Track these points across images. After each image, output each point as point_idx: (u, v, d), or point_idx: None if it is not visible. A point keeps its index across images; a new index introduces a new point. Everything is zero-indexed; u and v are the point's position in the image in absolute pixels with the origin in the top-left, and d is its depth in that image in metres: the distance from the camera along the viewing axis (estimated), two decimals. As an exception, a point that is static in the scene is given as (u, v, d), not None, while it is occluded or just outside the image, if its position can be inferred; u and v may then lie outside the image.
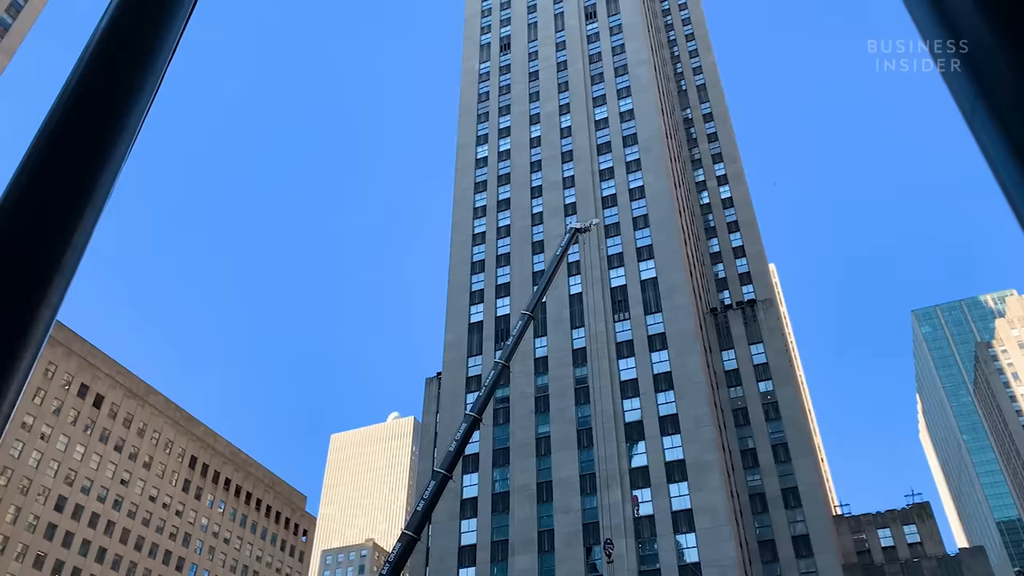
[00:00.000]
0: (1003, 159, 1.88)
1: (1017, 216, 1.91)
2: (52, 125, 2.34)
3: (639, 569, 59.63)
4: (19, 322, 2.08)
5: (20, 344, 2.07)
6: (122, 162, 2.39)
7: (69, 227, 2.22)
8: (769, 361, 76.23)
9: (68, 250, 2.20)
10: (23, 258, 2.14)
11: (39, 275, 2.14)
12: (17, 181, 2.25)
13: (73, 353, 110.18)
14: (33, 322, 2.09)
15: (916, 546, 74.57)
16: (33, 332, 2.11)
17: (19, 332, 2.07)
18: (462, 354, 78.43)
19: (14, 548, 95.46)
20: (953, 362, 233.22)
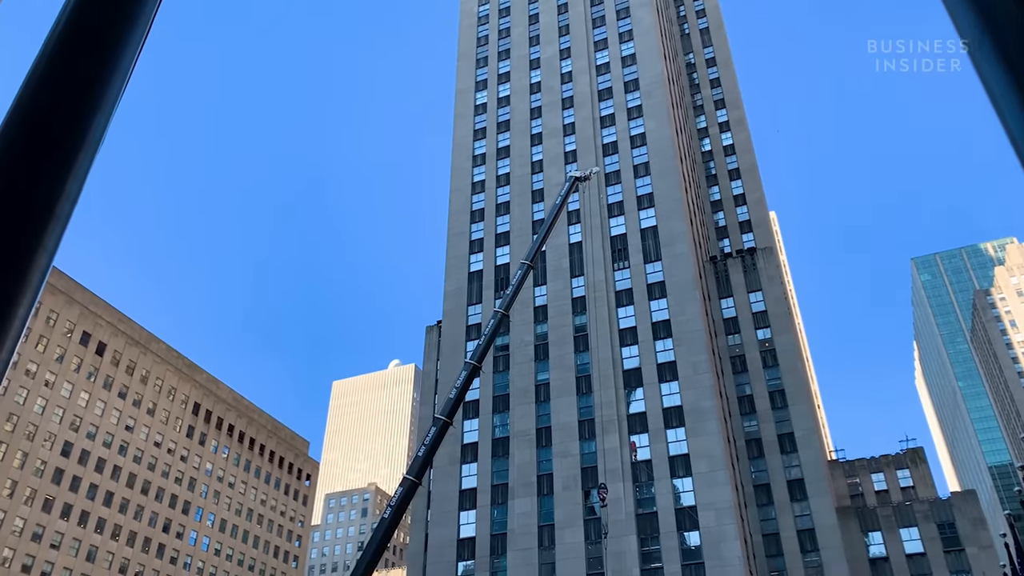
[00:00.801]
0: (1006, 94, 1.88)
1: (1018, 152, 1.91)
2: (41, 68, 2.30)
3: (636, 512, 60.85)
4: (15, 268, 2.08)
5: (17, 290, 2.07)
6: (114, 104, 2.35)
7: (62, 172, 2.20)
8: (768, 309, 76.55)
9: (62, 195, 2.18)
10: (17, 204, 2.13)
11: (34, 221, 2.13)
12: (8, 126, 2.22)
13: (74, 301, 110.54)
14: (30, 268, 2.09)
15: (909, 490, 76.00)
16: (30, 278, 2.10)
17: (16, 278, 2.07)
18: (462, 303, 78.69)
19: (23, 492, 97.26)
20: (951, 310, 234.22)
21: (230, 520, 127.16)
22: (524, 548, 62.16)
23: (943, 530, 67.22)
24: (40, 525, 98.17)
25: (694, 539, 58.96)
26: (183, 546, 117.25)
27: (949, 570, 65.32)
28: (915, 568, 66.26)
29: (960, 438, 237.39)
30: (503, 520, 64.82)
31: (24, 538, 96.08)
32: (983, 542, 65.87)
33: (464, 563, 64.58)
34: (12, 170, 2.15)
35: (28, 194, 2.14)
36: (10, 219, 2.09)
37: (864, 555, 67.63)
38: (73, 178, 2.21)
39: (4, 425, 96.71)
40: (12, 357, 2.14)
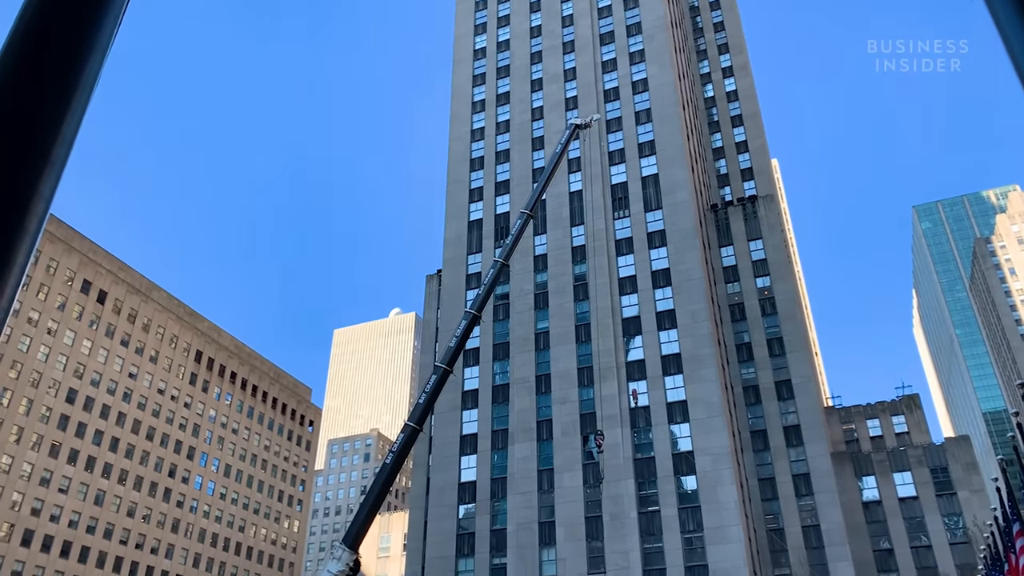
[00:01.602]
0: (1009, 16, 1.83)
1: (1018, 72, 1.87)
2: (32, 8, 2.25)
3: (634, 457, 61.80)
4: (12, 215, 2.06)
5: (15, 237, 2.05)
6: (108, 45, 2.30)
7: (56, 115, 2.17)
8: (768, 257, 76.51)
9: (56, 140, 2.15)
10: (10, 149, 2.10)
11: (28, 167, 2.11)
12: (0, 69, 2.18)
13: (73, 250, 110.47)
14: (26, 215, 2.07)
15: (903, 436, 77.08)
16: (27, 225, 2.09)
17: (13, 225, 2.06)
18: (462, 252, 78.60)
19: (29, 438, 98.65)
20: (951, 258, 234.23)
21: (234, 465, 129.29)
22: (524, 492, 63.31)
23: (936, 474, 68.39)
24: (47, 470, 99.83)
25: (691, 483, 60.00)
26: (189, 490, 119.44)
27: (941, 513, 66.65)
28: (907, 511, 67.60)
29: (956, 385, 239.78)
30: (503, 464, 65.89)
31: (32, 482, 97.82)
32: (975, 486, 67.08)
33: (465, 506, 65.85)
34: (4, 114, 2.12)
35: (21, 139, 2.12)
36: (4, 165, 2.07)
37: (858, 499, 68.94)
38: (67, 122, 2.18)
39: (8, 372, 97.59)
40: (13, 305, 2.14)
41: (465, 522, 65.18)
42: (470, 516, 65.23)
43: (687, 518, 58.80)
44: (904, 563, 65.62)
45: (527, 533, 61.57)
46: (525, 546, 61.08)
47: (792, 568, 61.88)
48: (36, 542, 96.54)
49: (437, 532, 65.23)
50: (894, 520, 67.47)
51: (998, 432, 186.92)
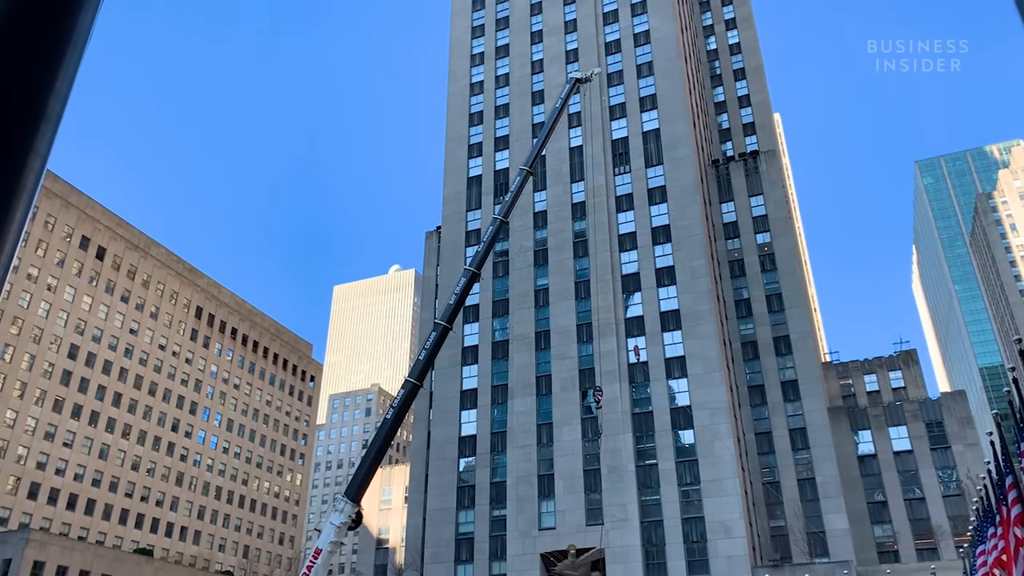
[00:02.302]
0: None
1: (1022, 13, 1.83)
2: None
3: (632, 412, 62.41)
4: (9, 171, 2.04)
5: (12, 193, 2.03)
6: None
7: (49, 71, 2.13)
8: (768, 213, 76.22)
9: (52, 95, 2.12)
10: (4, 105, 2.07)
11: (23, 122, 2.08)
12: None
13: (71, 205, 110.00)
14: (23, 170, 2.05)
15: (900, 391, 77.73)
16: (24, 181, 2.07)
17: (10, 181, 2.04)
18: (461, 208, 78.25)
19: (32, 393, 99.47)
20: (952, 213, 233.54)
21: (236, 420, 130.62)
22: (523, 445, 64.06)
23: (931, 429, 69.15)
24: (52, 425, 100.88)
25: (688, 437, 60.70)
26: (192, 444, 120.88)
27: (935, 466, 67.56)
28: (902, 465, 68.51)
29: (953, 340, 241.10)
30: (503, 419, 66.56)
31: (37, 437, 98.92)
32: (969, 440, 67.87)
33: (465, 459, 66.70)
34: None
35: (15, 94, 2.08)
36: None
37: (853, 453, 69.82)
38: (61, 76, 2.14)
39: (10, 328, 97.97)
40: (12, 261, 2.13)
41: (465, 475, 66.09)
42: (470, 469, 66.11)
43: (684, 471, 59.61)
44: (897, 515, 66.72)
45: (526, 486, 62.47)
46: (524, 498, 62.03)
47: (787, 520, 62.95)
48: (43, 495, 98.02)
49: (438, 485, 66.18)
50: (888, 473, 68.42)
51: (994, 387, 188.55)
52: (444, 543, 63.36)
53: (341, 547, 45.44)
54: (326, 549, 42.51)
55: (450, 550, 62.97)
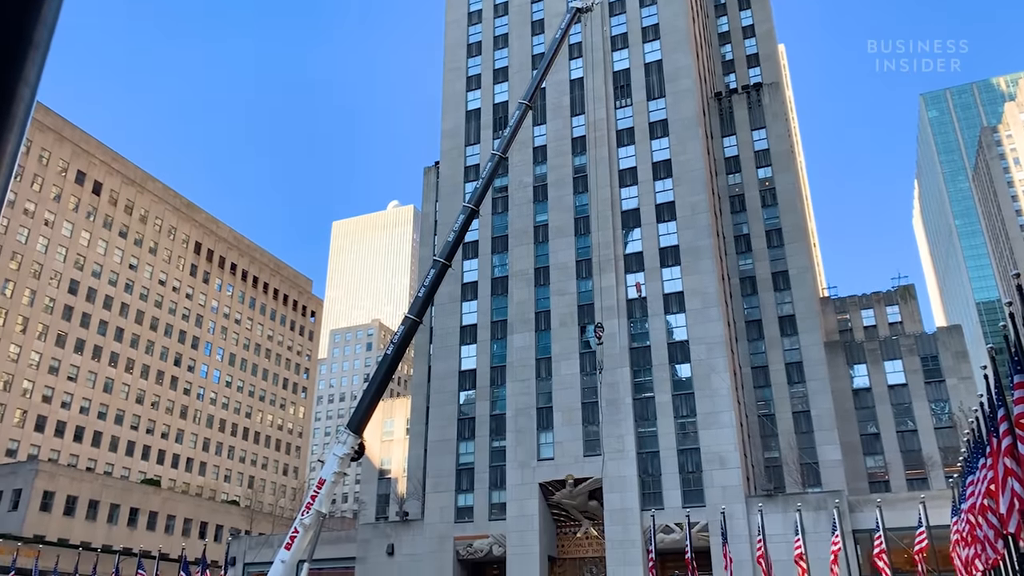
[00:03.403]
0: None
1: None
2: None
3: (630, 346, 62.95)
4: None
5: (2, 124, 1.99)
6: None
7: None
8: (770, 147, 75.40)
9: (38, 21, 2.06)
10: (-9, 31, 2.01)
11: (10, 50, 2.02)
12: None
13: (65, 140, 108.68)
14: (12, 100, 2.01)
15: (896, 325, 78.29)
16: (14, 111, 2.02)
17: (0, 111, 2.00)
18: (460, 143, 77.31)
19: (35, 328, 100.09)
20: (956, 147, 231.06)
21: (238, 354, 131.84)
22: (522, 379, 64.84)
23: (926, 363, 69.89)
24: (55, 359, 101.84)
25: (685, 371, 61.40)
26: (195, 378, 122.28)
27: (928, 399, 68.54)
28: (895, 398, 69.50)
29: (951, 275, 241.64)
30: (502, 353, 67.19)
31: (42, 371, 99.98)
32: (963, 374, 68.66)
33: (465, 392, 67.61)
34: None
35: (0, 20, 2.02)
36: (-14, 48, 1.98)
37: (848, 386, 70.72)
38: (48, 2, 2.08)
39: (9, 264, 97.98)
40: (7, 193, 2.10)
41: (465, 408, 67.09)
42: (470, 402, 67.07)
43: (681, 404, 60.49)
44: (889, 446, 68.01)
45: (525, 418, 63.48)
46: (523, 430, 63.11)
47: (781, 451, 64.19)
48: (49, 427, 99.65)
49: (439, 417, 67.24)
50: (882, 406, 69.45)
51: (990, 322, 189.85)
52: (445, 473, 64.74)
53: (344, 477, 46.41)
54: (329, 479, 43.44)
55: (451, 480, 64.38)
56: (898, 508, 46.15)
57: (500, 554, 60.58)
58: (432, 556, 62.04)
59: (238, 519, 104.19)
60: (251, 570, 67.74)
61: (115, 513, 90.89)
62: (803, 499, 52.00)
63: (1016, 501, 15.70)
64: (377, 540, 64.69)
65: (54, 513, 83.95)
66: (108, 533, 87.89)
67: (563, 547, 62.37)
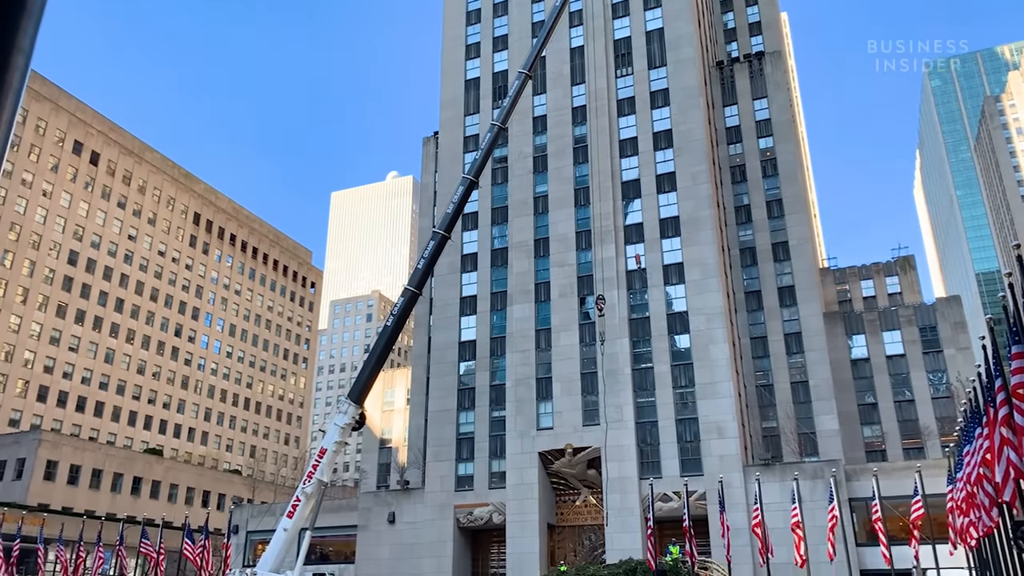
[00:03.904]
0: None
1: None
2: None
3: (629, 317, 63.07)
4: (-8, 69, 1.97)
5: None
6: None
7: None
8: (772, 117, 74.89)
9: (31, -12, 2.02)
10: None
11: (3, 17, 2.00)
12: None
13: (61, 109, 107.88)
14: (6, 68, 1.98)
15: (896, 296, 78.39)
16: (9, 79, 2.00)
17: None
18: (459, 113, 76.73)
19: (35, 299, 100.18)
20: (959, 117, 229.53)
21: (239, 325, 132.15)
22: (522, 350, 65.05)
23: (924, 333, 70.08)
24: (56, 329, 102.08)
25: (684, 342, 61.58)
26: (196, 349, 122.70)
27: (926, 370, 68.84)
28: (893, 368, 69.79)
29: (951, 246, 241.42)
30: (502, 324, 67.34)
31: (43, 341, 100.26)
32: (961, 344, 68.88)
33: (465, 363, 67.87)
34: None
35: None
36: (-22, 15, 1.95)
37: (847, 357, 70.98)
38: (40, -32, 2.04)
39: (8, 234, 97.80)
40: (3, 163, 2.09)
41: (465, 378, 67.39)
42: (470, 373, 67.36)
43: (679, 374, 60.76)
44: (887, 416, 68.46)
45: (525, 388, 63.80)
46: (523, 400, 63.46)
47: (779, 421, 64.62)
48: (51, 397, 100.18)
49: (439, 387, 67.58)
50: (880, 376, 69.77)
51: (989, 292, 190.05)
52: (446, 442, 65.23)
53: (345, 447, 46.82)
54: (330, 448, 43.81)
55: (451, 449, 64.88)
56: (894, 477, 46.57)
57: (500, 522, 61.25)
58: (433, 524, 62.74)
59: (240, 488, 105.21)
60: (254, 538, 68.55)
61: (118, 482, 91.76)
62: (800, 468, 52.46)
63: (1012, 470, 15.84)
64: (378, 508, 65.38)
65: (58, 482, 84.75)
66: (112, 502, 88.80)
67: (562, 515, 63.06)
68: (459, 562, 62.09)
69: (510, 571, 56.61)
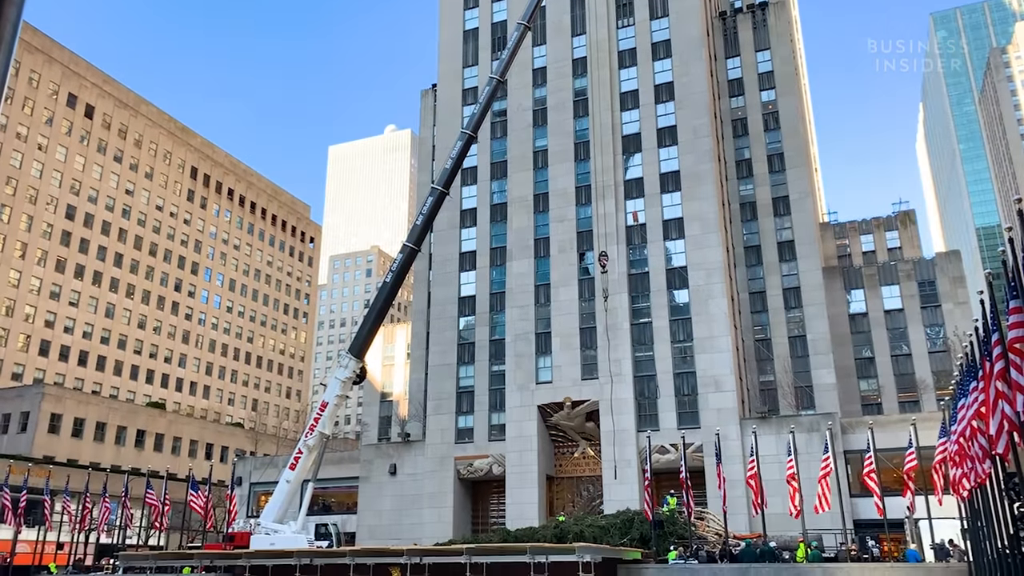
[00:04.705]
0: None
1: None
2: None
3: (628, 272, 63.11)
4: (-17, 20, 1.93)
5: (-11, 44, 1.94)
6: None
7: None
8: (775, 69, 73.88)
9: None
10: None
11: (-6, -35, 1.95)
12: None
13: (54, 60, 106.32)
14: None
15: (895, 251, 78.37)
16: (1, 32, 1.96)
17: (-14, 31, 1.93)
18: (457, 65, 75.66)
19: (34, 254, 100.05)
20: (964, 70, 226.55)
21: (239, 280, 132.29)
22: (521, 305, 65.23)
23: (923, 288, 70.22)
24: (56, 284, 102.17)
25: (683, 297, 61.73)
26: (196, 304, 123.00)
27: (923, 324, 69.14)
28: (891, 322, 70.11)
29: (953, 200, 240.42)
30: (501, 280, 67.40)
31: (43, 296, 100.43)
32: (960, 299, 69.07)
33: (465, 318, 68.13)
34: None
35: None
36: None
37: (845, 311, 71.23)
38: (29, -86, 1.99)
39: (4, 188, 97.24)
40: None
41: (465, 333, 67.70)
42: (470, 328, 67.64)
43: (678, 329, 61.05)
44: (883, 370, 68.97)
45: (524, 343, 64.15)
46: (522, 354, 63.86)
47: (776, 375, 65.11)
48: (53, 352, 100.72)
49: (439, 342, 67.92)
50: (878, 330, 70.11)
51: (989, 247, 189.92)
52: (446, 396, 65.83)
53: (346, 400, 47.28)
54: (332, 402, 44.33)
55: (451, 402, 65.51)
56: (889, 430, 47.13)
57: (500, 473, 62.14)
58: (433, 475, 63.66)
59: (243, 441, 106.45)
60: (257, 489, 69.62)
61: (122, 435, 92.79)
62: (796, 421, 53.04)
63: (1006, 423, 16.02)
64: (380, 460, 66.26)
65: (62, 435, 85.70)
66: (116, 454, 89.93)
67: (561, 466, 63.96)
68: (459, 512, 63.17)
69: (509, 521, 57.60)
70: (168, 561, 38.81)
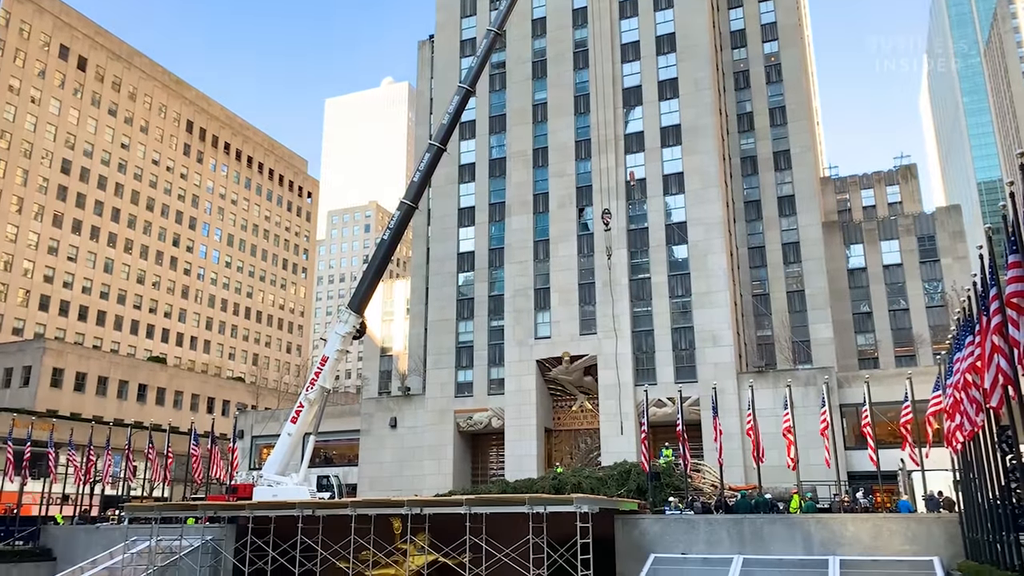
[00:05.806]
0: None
1: None
2: None
3: (627, 228, 62.95)
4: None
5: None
6: None
7: None
8: (778, 20, 72.71)
9: None
10: None
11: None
12: None
13: (44, 11, 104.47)
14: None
15: (896, 206, 78.09)
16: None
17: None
18: (455, 15, 74.37)
19: (30, 209, 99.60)
20: (970, 21, 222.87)
21: (236, 235, 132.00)
22: (520, 261, 65.21)
23: (922, 243, 70.17)
24: (54, 239, 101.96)
25: (681, 252, 61.68)
26: (194, 259, 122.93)
27: (922, 279, 69.27)
28: (890, 277, 70.21)
29: (955, 155, 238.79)
30: (500, 236, 67.25)
31: (41, 251, 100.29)
32: (959, 253, 69.07)
33: (464, 274, 68.17)
34: None
35: None
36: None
37: (844, 266, 71.28)
38: None
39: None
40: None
41: (464, 288, 67.82)
42: (469, 283, 67.72)
43: (676, 284, 61.14)
44: (880, 325, 69.30)
45: (523, 298, 64.30)
46: (521, 310, 64.06)
47: (774, 330, 65.43)
48: (53, 307, 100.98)
49: (438, 298, 68.08)
50: (876, 285, 70.25)
51: (990, 202, 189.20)
52: (445, 351, 66.21)
53: (347, 354, 47.59)
54: (332, 356, 44.61)
55: (451, 357, 65.92)
56: (885, 384, 47.53)
57: (499, 426, 62.86)
58: (433, 428, 64.39)
59: (244, 395, 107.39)
60: (259, 443, 70.45)
61: (124, 389, 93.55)
62: (793, 375, 53.48)
63: (1000, 377, 16.17)
64: (380, 414, 66.94)
65: (64, 389, 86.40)
66: (119, 408, 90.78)
67: (559, 420, 64.67)
68: (459, 464, 64.05)
69: (508, 473, 58.45)
70: (173, 512, 39.46)
